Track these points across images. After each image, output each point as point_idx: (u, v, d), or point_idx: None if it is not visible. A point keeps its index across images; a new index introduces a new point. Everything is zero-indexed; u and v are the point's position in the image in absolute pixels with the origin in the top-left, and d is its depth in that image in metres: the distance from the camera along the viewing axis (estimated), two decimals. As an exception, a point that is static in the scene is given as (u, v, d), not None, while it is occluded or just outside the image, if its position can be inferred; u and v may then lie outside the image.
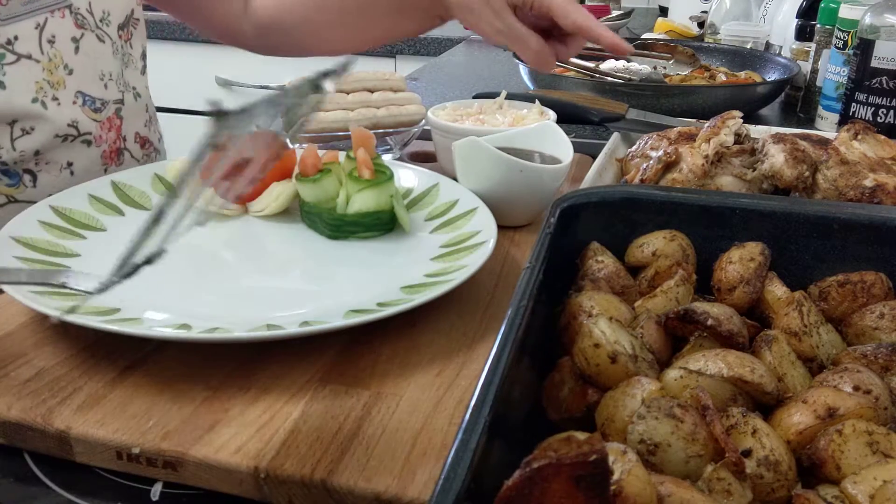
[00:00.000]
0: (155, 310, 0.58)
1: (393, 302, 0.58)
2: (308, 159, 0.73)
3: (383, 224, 0.73)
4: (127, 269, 0.41)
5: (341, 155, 0.76)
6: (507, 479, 0.29)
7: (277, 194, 0.76)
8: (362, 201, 0.71)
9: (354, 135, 0.74)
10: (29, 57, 0.79)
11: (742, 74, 1.32)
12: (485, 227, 0.68)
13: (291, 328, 0.54)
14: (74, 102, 0.84)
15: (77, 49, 0.84)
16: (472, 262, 0.62)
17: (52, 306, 0.54)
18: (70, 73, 0.83)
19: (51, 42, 0.81)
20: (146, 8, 1.00)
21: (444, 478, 0.30)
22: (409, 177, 0.81)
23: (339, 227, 0.72)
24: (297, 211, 0.77)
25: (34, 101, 0.80)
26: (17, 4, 0.77)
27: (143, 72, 0.99)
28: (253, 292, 0.64)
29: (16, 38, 0.78)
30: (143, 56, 0.98)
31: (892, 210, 0.52)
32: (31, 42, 0.80)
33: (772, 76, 1.30)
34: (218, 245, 0.72)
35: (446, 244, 0.69)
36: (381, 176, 0.72)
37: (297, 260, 0.71)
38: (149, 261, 0.40)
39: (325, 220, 0.72)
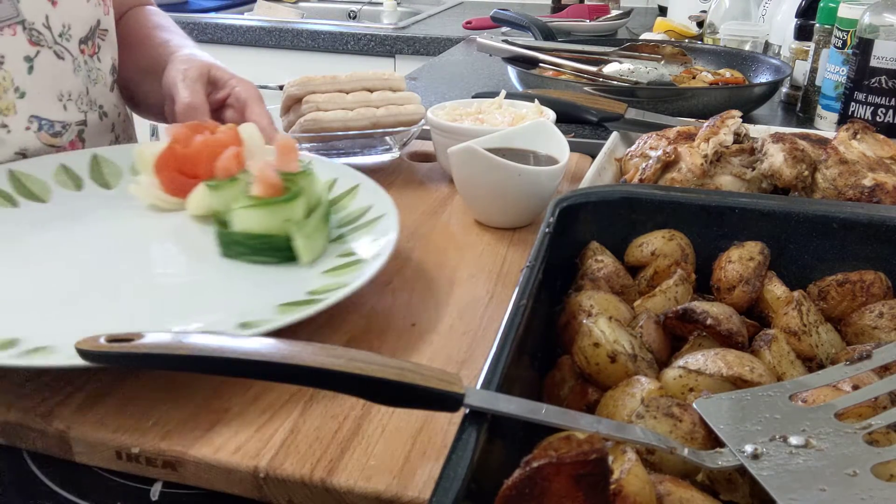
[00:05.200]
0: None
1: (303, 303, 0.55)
2: (269, 171, 0.64)
3: (276, 251, 0.63)
4: None
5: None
6: (507, 478, 0.29)
7: (202, 195, 0.69)
8: (247, 220, 0.63)
9: (278, 145, 0.67)
10: None
11: (727, 73, 1.31)
12: (382, 237, 0.63)
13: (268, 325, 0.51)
14: (28, 128, 0.76)
15: (31, 69, 0.76)
16: (353, 280, 0.57)
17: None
18: (22, 96, 0.76)
19: None
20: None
21: (444, 478, 0.30)
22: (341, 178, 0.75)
23: (228, 244, 0.64)
24: None
25: None
26: None
27: (113, 88, 0.89)
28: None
29: None
30: (113, 71, 0.89)
31: (892, 209, 0.52)
32: None
33: (764, 77, 1.30)
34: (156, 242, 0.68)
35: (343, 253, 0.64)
36: (286, 193, 0.63)
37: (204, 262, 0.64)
38: None
39: (217, 233, 0.65)
